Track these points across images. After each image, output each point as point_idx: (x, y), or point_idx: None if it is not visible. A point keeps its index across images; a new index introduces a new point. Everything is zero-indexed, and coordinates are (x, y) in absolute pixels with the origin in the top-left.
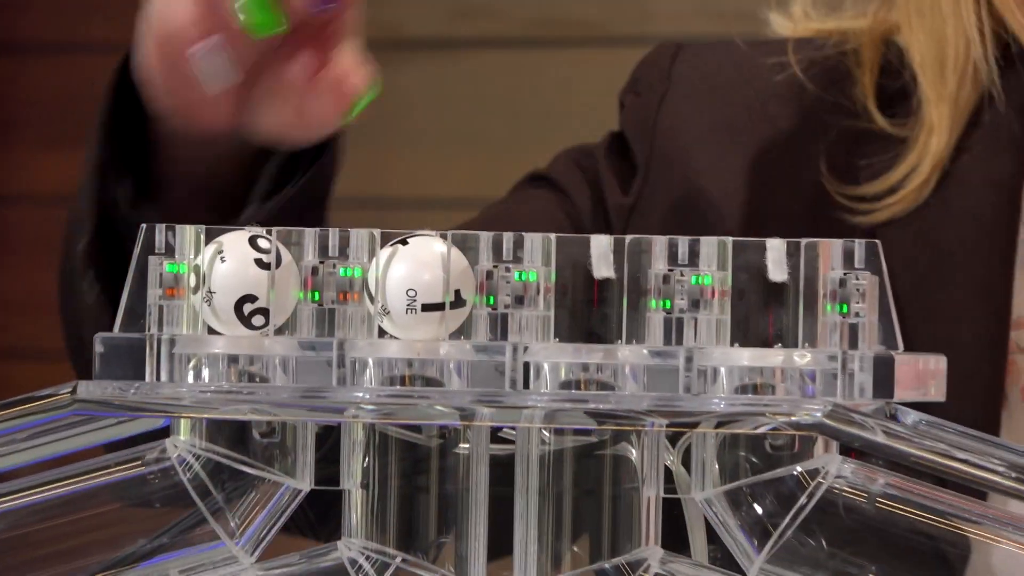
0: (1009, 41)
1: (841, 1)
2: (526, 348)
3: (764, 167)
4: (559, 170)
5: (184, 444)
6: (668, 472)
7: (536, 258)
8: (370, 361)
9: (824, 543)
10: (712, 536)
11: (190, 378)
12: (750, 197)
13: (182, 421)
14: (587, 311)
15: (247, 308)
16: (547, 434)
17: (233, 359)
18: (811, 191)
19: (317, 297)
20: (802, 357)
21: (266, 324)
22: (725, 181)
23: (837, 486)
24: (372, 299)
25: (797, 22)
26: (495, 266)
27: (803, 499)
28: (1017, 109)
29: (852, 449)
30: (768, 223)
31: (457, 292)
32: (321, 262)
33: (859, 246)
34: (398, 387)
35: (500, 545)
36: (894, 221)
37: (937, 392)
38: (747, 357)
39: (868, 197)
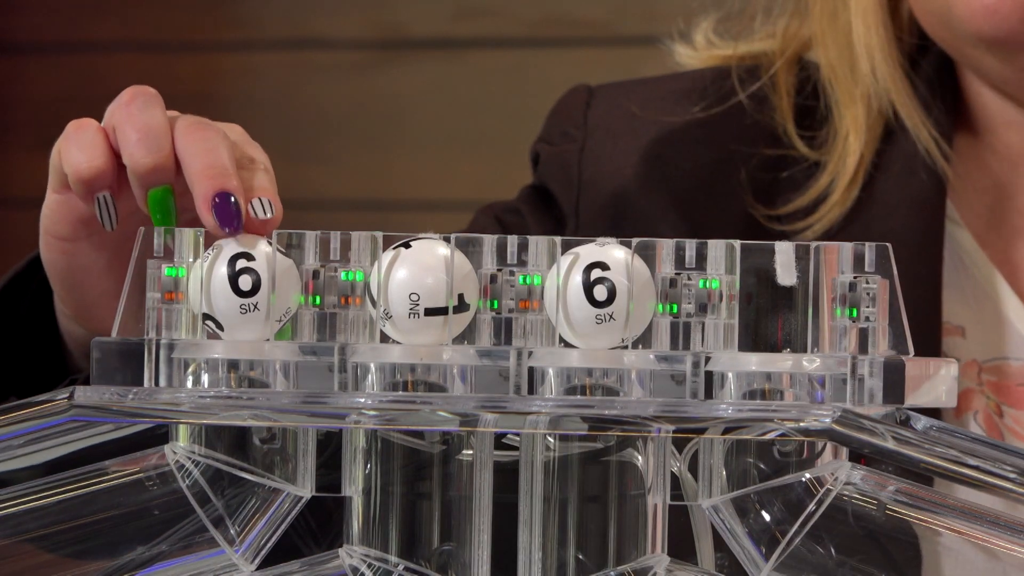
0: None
1: (746, 24)
2: (531, 353)
3: (693, 200)
4: (483, 229)
5: (183, 450)
6: (675, 479)
7: (541, 262)
8: (372, 366)
9: (833, 551)
10: (719, 544)
11: (189, 383)
12: (685, 232)
13: (181, 427)
14: None
15: (239, 264)
16: (552, 440)
17: (233, 364)
18: (742, 221)
19: (318, 301)
20: (811, 362)
21: (254, 292)
22: (658, 219)
23: (846, 493)
24: (374, 303)
25: (701, 51)
26: (499, 270)
27: (812, 506)
28: (924, 123)
29: (862, 455)
30: None
31: (460, 296)
32: (322, 266)
33: (869, 249)
34: (400, 392)
35: (503, 555)
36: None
37: (948, 398)
38: (755, 362)
39: (799, 212)
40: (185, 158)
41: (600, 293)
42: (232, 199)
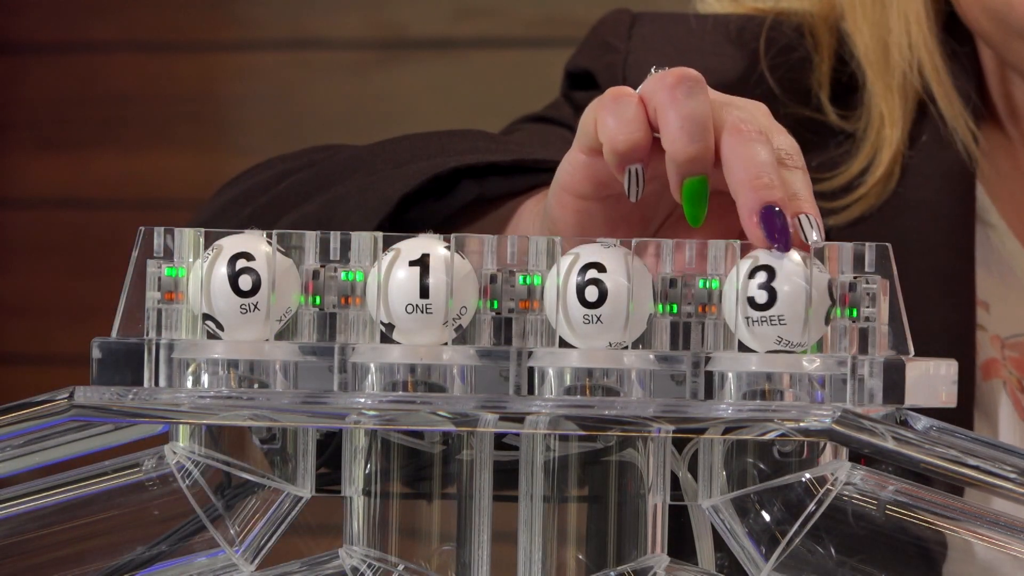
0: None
1: None
2: (530, 353)
3: None
4: (556, 114)
5: (183, 450)
6: (675, 479)
7: (541, 262)
8: (372, 366)
9: (833, 551)
10: (719, 544)
11: (189, 383)
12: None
13: (181, 427)
14: None
15: (239, 264)
16: (552, 440)
17: (233, 364)
18: None
19: (318, 302)
20: (811, 362)
21: (254, 292)
22: None
23: (846, 493)
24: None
25: (726, 1)
26: (499, 270)
27: (811, 506)
28: (961, 100)
29: (862, 455)
30: None
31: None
32: (322, 266)
33: (869, 249)
34: (400, 393)
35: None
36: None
37: (948, 398)
38: (755, 362)
39: (827, 194)
40: (729, 159)
41: (591, 294)
42: (779, 213)
